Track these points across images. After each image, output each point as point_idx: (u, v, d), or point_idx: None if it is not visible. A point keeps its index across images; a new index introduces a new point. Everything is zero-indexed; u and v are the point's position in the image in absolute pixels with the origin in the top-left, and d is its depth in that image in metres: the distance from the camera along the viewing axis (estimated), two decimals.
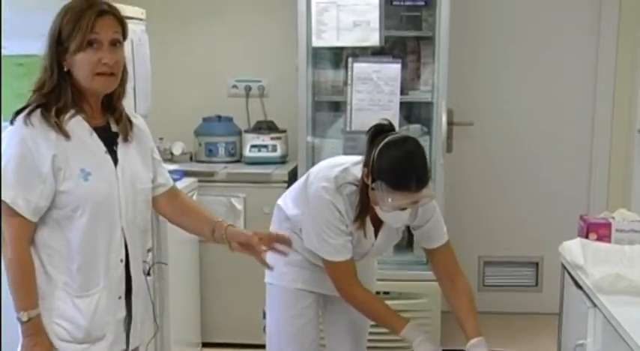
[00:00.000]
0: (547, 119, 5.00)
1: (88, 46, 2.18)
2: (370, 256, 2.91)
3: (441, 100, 4.30)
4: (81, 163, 2.19)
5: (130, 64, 3.59)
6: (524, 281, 5.17)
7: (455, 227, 4.87)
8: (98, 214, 2.21)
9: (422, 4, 4.38)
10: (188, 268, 4.36)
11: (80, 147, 2.20)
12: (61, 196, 2.17)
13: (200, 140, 4.80)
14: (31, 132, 2.14)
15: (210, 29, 4.99)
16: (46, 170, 2.14)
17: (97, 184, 2.21)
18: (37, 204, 2.16)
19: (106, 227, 2.24)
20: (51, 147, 2.15)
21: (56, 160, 2.15)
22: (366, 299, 2.77)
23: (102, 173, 2.23)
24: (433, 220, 2.81)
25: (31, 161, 2.14)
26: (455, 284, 2.83)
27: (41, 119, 2.17)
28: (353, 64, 4.20)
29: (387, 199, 2.53)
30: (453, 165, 4.59)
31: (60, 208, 2.19)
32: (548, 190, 5.04)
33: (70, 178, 2.17)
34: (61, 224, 2.20)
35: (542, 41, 4.93)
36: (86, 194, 2.18)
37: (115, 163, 2.28)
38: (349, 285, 2.75)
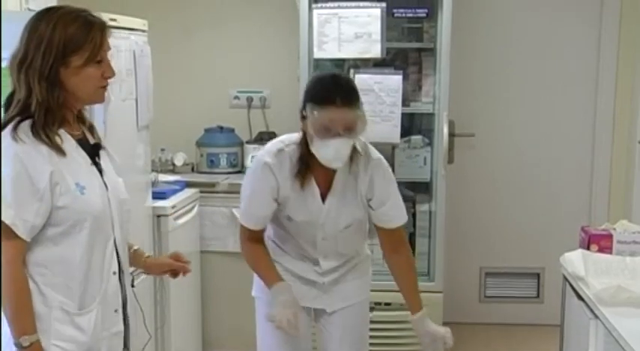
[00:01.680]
0: (548, 130, 5.01)
1: (95, 62, 2.13)
2: (330, 228, 2.79)
3: (442, 111, 4.30)
4: (75, 177, 2.12)
5: (132, 75, 3.62)
6: (526, 292, 5.16)
7: (456, 238, 4.91)
8: (95, 229, 2.15)
9: (423, 15, 4.40)
10: (189, 278, 4.33)
11: (71, 161, 2.13)
12: (58, 212, 2.09)
13: (202, 151, 4.81)
14: (23, 148, 2.05)
15: (212, 40, 5.01)
16: (43, 187, 2.05)
17: (93, 198, 2.15)
18: (33, 223, 2.06)
19: (102, 241, 2.19)
20: (46, 162, 2.06)
21: (53, 176, 2.06)
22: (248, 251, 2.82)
23: (93, 186, 2.17)
24: (393, 200, 2.82)
25: (26, 179, 2.04)
26: (399, 255, 2.87)
27: (29, 134, 2.07)
28: (354, 76, 4.21)
29: (315, 117, 2.56)
30: (454, 176, 4.59)
31: (56, 225, 2.11)
32: (550, 201, 5.04)
33: (66, 192, 2.09)
34: (57, 241, 2.12)
35: (543, 53, 4.94)
36: (84, 208, 2.12)
37: (100, 175, 2.23)
38: (242, 241, 2.83)
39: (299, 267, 2.86)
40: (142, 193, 3.91)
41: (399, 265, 2.89)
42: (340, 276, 2.90)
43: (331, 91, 2.59)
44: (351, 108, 2.59)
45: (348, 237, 2.85)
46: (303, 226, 2.80)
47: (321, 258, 2.85)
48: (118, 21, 3.47)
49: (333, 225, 2.79)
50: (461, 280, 5.00)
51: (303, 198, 2.74)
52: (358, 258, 2.96)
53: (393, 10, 4.32)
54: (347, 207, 2.78)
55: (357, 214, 2.82)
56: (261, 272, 2.82)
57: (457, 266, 4.94)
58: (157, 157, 4.70)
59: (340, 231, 2.81)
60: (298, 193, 2.73)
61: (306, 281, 2.86)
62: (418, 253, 4.54)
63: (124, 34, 3.54)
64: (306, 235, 2.82)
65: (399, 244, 2.88)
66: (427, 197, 4.56)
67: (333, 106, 2.56)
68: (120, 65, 3.47)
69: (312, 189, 2.74)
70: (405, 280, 2.89)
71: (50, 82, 2.09)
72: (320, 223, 2.78)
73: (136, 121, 3.72)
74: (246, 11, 4.94)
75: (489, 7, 4.91)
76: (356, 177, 2.76)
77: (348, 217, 2.80)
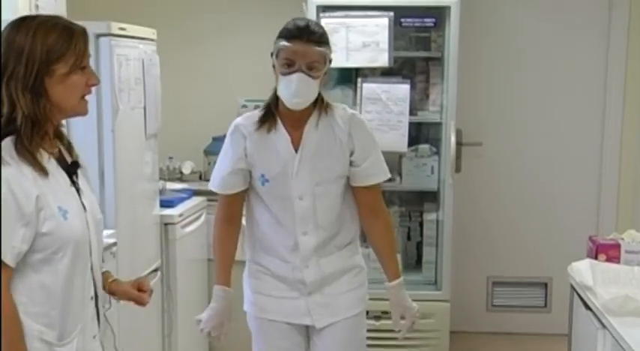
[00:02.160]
0: (556, 139, 5.01)
1: (80, 69, 2.04)
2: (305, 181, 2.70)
3: (449, 120, 4.31)
4: (57, 201, 2.00)
5: (141, 83, 3.64)
6: (533, 302, 5.15)
7: (463, 247, 4.91)
8: (77, 255, 2.04)
9: (431, 25, 4.42)
10: (197, 287, 4.36)
11: (53, 182, 2.02)
12: (41, 238, 1.97)
13: (209, 159, 4.82)
14: (10, 171, 1.93)
15: (220, 49, 5.03)
16: (30, 212, 1.93)
17: (75, 223, 2.04)
18: (20, 249, 1.94)
19: (83, 267, 2.08)
20: (32, 186, 1.95)
21: (39, 201, 1.95)
22: (218, 236, 2.84)
23: (74, 209, 2.05)
24: (375, 156, 2.78)
25: (13, 204, 1.91)
26: (377, 218, 2.82)
27: (13, 154, 1.95)
28: (362, 85, 4.23)
29: (280, 50, 2.60)
30: (461, 185, 4.59)
31: (38, 251, 1.98)
32: (557, 210, 5.04)
33: (50, 218, 1.97)
34: (36, 269, 1.99)
35: (550, 62, 4.95)
36: (67, 234, 2.00)
37: (79, 195, 2.11)
38: (216, 220, 2.86)
39: (280, 267, 2.77)
40: (150, 201, 3.92)
41: (376, 230, 2.83)
42: (324, 278, 2.78)
43: (299, 28, 2.62)
44: (315, 45, 2.61)
45: (326, 201, 2.74)
46: (278, 188, 2.71)
47: (300, 234, 2.73)
48: (128, 30, 3.51)
49: (308, 177, 2.71)
50: (468, 289, 5.00)
51: (274, 145, 2.70)
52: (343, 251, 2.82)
53: (400, 19, 4.34)
54: (323, 158, 2.72)
55: (335, 166, 2.74)
56: (217, 265, 2.84)
57: (464, 275, 4.94)
58: (165, 165, 4.71)
59: (317, 184, 2.71)
60: (268, 142, 2.71)
61: (293, 298, 2.78)
62: (425, 261, 4.55)
63: (132, 43, 3.57)
64: (283, 202, 2.72)
65: (376, 206, 2.82)
66: (434, 206, 4.56)
67: (297, 40, 2.59)
68: (129, 74, 3.50)
69: (282, 135, 2.70)
70: (382, 245, 2.85)
71: (35, 92, 1.99)
72: (294, 173, 2.69)
73: (144, 129, 3.74)
74: (254, 20, 4.96)
75: (497, 17, 4.92)
76: (332, 128, 2.72)
77: (325, 169, 2.73)
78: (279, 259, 2.78)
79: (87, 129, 3.35)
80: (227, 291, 2.80)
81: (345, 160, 2.74)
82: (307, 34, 2.60)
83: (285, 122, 2.71)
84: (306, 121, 2.70)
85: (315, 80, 2.63)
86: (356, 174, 2.76)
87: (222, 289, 2.79)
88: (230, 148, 2.76)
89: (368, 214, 2.82)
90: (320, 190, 2.72)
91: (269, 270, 2.80)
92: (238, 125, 2.76)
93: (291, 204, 2.72)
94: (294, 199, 2.71)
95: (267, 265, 2.80)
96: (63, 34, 2.02)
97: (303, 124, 2.71)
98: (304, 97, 2.64)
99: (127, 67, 3.48)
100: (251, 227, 2.84)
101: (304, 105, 2.66)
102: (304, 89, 2.62)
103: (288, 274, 2.77)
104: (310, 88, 2.63)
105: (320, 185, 2.72)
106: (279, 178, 2.71)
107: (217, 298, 2.79)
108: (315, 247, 2.75)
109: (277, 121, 2.71)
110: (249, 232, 2.85)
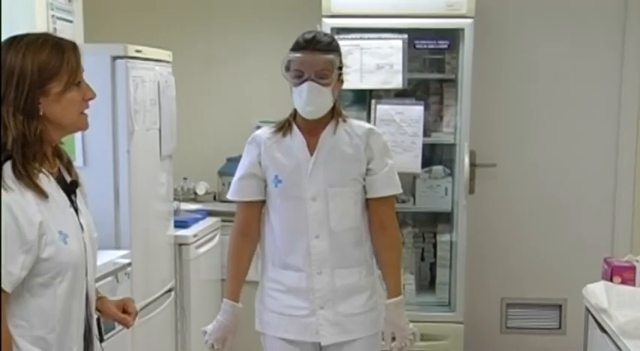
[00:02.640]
0: (570, 161, 4.99)
1: (75, 85, 2.01)
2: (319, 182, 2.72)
3: (463, 141, 4.32)
4: (58, 225, 1.98)
5: (156, 105, 3.67)
6: (548, 324, 5.12)
7: (477, 269, 4.89)
8: (76, 278, 2.01)
9: (445, 47, 4.44)
10: (211, 308, 4.35)
11: (53, 206, 1.99)
12: (42, 263, 1.94)
13: (224, 180, 4.83)
14: (13, 197, 1.89)
15: (235, 71, 5.06)
16: (32, 238, 1.90)
17: (74, 246, 2.01)
18: (18, 276, 1.90)
19: (80, 289, 2.05)
20: (36, 212, 1.92)
21: (42, 227, 1.92)
22: (233, 250, 2.87)
23: (73, 231, 2.03)
24: (389, 170, 2.80)
25: (15, 230, 1.88)
26: (385, 233, 2.82)
27: (14, 179, 1.92)
28: (376, 106, 4.24)
29: (290, 63, 2.69)
30: (475, 206, 4.59)
31: (37, 276, 1.95)
32: (572, 231, 5.02)
33: (51, 243, 1.95)
34: (34, 293, 1.95)
35: (564, 84, 4.94)
36: (67, 259, 1.98)
37: (77, 215, 2.08)
38: (232, 232, 2.89)
39: (293, 278, 2.77)
40: (164, 221, 3.94)
41: (382, 244, 2.84)
42: (336, 290, 2.76)
43: (306, 39, 2.70)
44: (322, 53, 2.68)
45: (339, 203, 2.75)
46: (291, 188, 2.74)
47: (312, 238, 2.74)
48: (144, 52, 3.54)
49: (322, 178, 2.73)
50: (482, 311, 4.97)
51: (289, 147, 2.76)
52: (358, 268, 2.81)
53: (414, 41, 4.36)
54: (337, 160, 2.75)
55: (350, 167, 2.77)
56: (228, 279, 2.88)
57: (478, 297, 4.92)
58: (180, 186, 4.73)
59: (331, 185, 2.73)
60: (283, 145, 2.76)
61: (304, 316, 2.77)
62: (439, 283, 4.54)
63: (148, 65, 3.60)
64: (296, 204, 2.74)
65: (387, 221, 2.83)
66: (448, 227, 4.56)
67: (305, 51, 2.67)
68: (144, 95, 3.53)
69: (297, 137, 2.75)
70: (386, 260, 2.84)
71: (26, 114, 1.95)
72: (308, 174, 2.73)
73: (159, 150, 3.76)
74: (268, 42, 4.98)
75: (510, 38, 4.93)
76: (349, 135, 2.77)
77: (340, 170, 2.76)
78: (292, 270, 2.78)
79: (102, 149, 3.38)
80: (235, 306, 2.82)
81: (360, 164, 2.77)
82: (314, 44, 2.68)
83: (302, 131, 2.77)
84: (323, 130, 2.76)
85: (327, 88, 2.68)
86: (373, 183, 2.79)
87: (230, 303, 2.83)
88: (245, 156, 2.84)
89: (377, 228, 2.83)
90: (333, 192, 2.74)
91: (283, 284, 2.80)
92: (255, 135, 2.85)
93: (304, 205, 2.74)
94: (307, 200, 2.74)
95: (280, 279, 2.81)
96: (54, 52, 1.99)
97: (319, 133, 2.76)
98: (316, 105, 2.69)
99: (142, 88, 3.51)
100: (266, 242, 2.86)
101: (318, 113, 2.71)
102: (316, 97, 2.67)
103: (301, 284, 2.77)
104: (322, 96, 2.68)
105: (333, 187, 2.75)
106: (292, 178, 2.74)
107: (224, 313, 2.83)
108: (329, 253, 2.76)
109: (293, 127, 2.77)
110: (265, 248, 2.87)
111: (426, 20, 4.28)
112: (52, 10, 3.67)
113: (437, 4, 4.27)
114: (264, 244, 2.87)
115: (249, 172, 2.80)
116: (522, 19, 4.91)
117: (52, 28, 3.66)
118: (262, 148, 2.78)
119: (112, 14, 4.91)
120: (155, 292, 3.69)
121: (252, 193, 2.81)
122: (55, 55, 1.98)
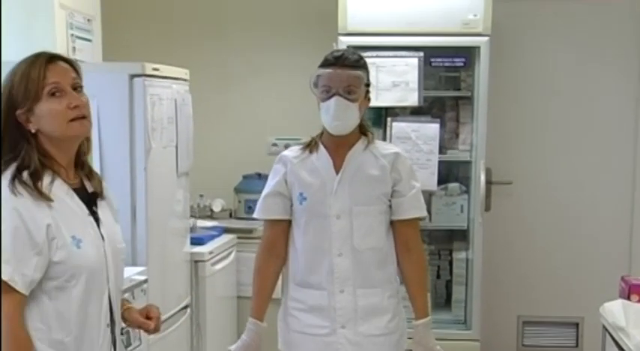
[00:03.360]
0: (586, 178, 4.98)
1: (50, 97, 2.05)
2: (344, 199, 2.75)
3: (479, 159, 4.32)
4: (71, 231, 2.06)
5: (173, 122, 3.69)
6: (565, 342, 5.09)
7: (494, 286, 4.88)
8: (91, 282, 2.08)
9: (461, 64, 4.45)
10: (226, 325, 4.37)
11: (67, 213, 2.07)
12: (54, 266, 2.02)
13: (240, 197, 4.86)
14: (23, 202, 1.99)
15: (251, 89, 5.09)
16: (41, 241, 1.99)
17: (89, 251, 2.08)
18: (32, 278, 1.99)
19: (98, 294, 2.11)
20: (45, 216, 2.01)
21: (50, 230, 2.01)
22: (259, 268, 2.87)
23: (90, 238, 2.10)
24: (416, 192, 2.82)
25: (25, 233, 1.98)
26: (411, 254, 2.83)
27: (24, 187, 2.02)
28: (392, 124, 4.25)
29: (318, 79, 2.74)
30: (491, 224, 4.58)
31: (52, 279, 2.03)
32: (589, 249, 5.00)
33: (63, 247, 2.03)
34: (51, 296, 2.04)
35: (581, 101, 4.94)
36: (80, 263, 2.05)
37: (97, 225, 2.15)
38: (259, 250, 2.89)
39: (316, 296, 2.78)
40: (181, 238, 3.95)
41: (408, 265, 2.84)
42: (357, 310, 2.77)
43: (335, 56, 2.76)
44: (350, 69, 2.72)
45: (364, 222, 2.76)
46: (316, 205, 2.76)
47: (335, 255, 2.75)
48: (161, 70, 3.57)
49: (347, 196, 2.75)
50: (498, 329, 4.95)
51: (314, 165, 2.79)
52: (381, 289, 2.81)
53: (430, 59, 4.37)
54: (363, 179, 2.77)
55: (375, 186, 2.78)
56: (253, 296, 2.90)
57: (494, 315, 4.90)
58: (196, 203, 4.75)
59: (355, 204, 2.75)
60: (308, 163, 2.80)
61: (327, 334, 2.77)
62: (455, 300, 4.52)
63: (166, 83, 3.63)
64: (321, 221, 2.76)
65: (412, 242, 2.84)
66: (464, 245, 4.55)
67: (333, 66, 2.72)
68: (162, 113, 3.56)
69: (323, 156, 2.79)
70: (412, 281, 2.85)
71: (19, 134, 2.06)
72: (334, 192, 2.75)
73: (176, 167, 3.78)
74: (284, 61, 5.02)
75: (526, 56, 4.94)
76: (376, 156, 2.80)
77: (365, 189, 2.77)
78: (314, 288, 2.80)
79: (120, 167, 3.40)
80: (258, 325, 2.83)
81: (385, 184, 2.79)
82: (342, 60, 2.73)
83: (328, 149, 2.80)
84: (350, 149, 2.79)
85: (354, 103, 2.72)
86: (400, 205, 2.81)
87: (253, 322, 2.85)
88: (272, 175, 2.87)
89: (403, 249, 2.84)
90: (358, 210, 2.77)
91: (304, 303, 2.82)
92: (282, 155, 2.89)
93: (329, 223, 2.76)
94: (331, 217, 2.76)
95: (302, 297, 2.82)
96: (23, 70, 2.06)
97: (346, 151, 2.79)
98: (343, 120, 2.72)
99: (160, 106, 3.53)
100: (289, 260, 2.86)
101: (345, 129, 2.74)
102: (343, 112, 2.71)
103: (323, 302, 2.78)
104: (350, 111, 2.72)
105: (358, 205, 2.76)
106: (317, 196, 2.77)
107: (248, 331, 2.85)
108: (351, 272, 2.76)
109: (320, 145, 2.81)
110: (287, 266, 2.87)
111: (442, 38, 4.30)
112: (71, 30, 3.73)
113: (453, 22, 4.28)
114: (287, 262, 2.88)
115: (275, 191, 2.83)
116: (538, 36, 4.92)
117: (71, 47, 3.71)
118: (288, 167, 2.82)
119: (130, 33, 4.96)
120: (171, 309, 3.70)
121: (277, 212, 2.84)
122: (23, 74, 2.05)
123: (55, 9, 3.60)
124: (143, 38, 4.98)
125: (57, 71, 2.08)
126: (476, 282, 4.40)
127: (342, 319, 2.77)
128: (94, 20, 3.99)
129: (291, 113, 5.03)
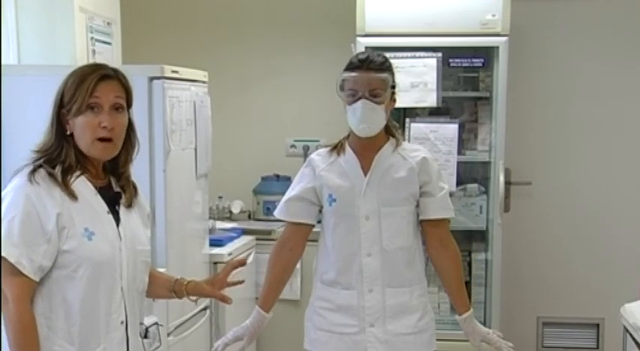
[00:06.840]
0: (606, 178, 4.95)
1: (88, 110, 2.15)
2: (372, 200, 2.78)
3: (498, 159, 4.31)
4: (85, 223, 2.14)
5: (192, 124, 3.71)
6: (585, 343, 5.06)
7: (513, 287, 4.86)
8: (99, 275, 2.15)
9: (479, 65, 4.44)
10: None
11: (84, 207, 2.16)
12: (63, 255, 2.11)
13: (258, 199, 4.87)
14: (36, 190, 2.10)
15: (270, 91, 5.10)
16: (51, 229, 2.08)
17: (100, 245, 2.16)
18: (41, 264, 2.08)
19: (107, 288, 2.17)
20: (55, 205, 2.10)
21: (60, 219, 2.10)
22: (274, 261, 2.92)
23: (105, 233, 2.18)
24: (445, 193, 2.86)
25: (36, 219, 2.08)
26: (445, 249, 2.87)
27: (46, 177, 2.12)
28: (410, 124, 4.25)
29: (344, 82, 2.75)
30: (510, 224, 4.57)
31: (60, 268, 2.12)
32: (609, 250, 4.97)
33: (73, 237, 2.12)
34: (60, 284, 2.13)
35: (601, 100, 4.91)
36: (88, 254, 2.13)
37: (117, 224, 2.23)
38: (276, 244, 2.95)
39: (344, 296, 2.82)
40: (200, 240, 3.97)
41: (445, 261, 2.88)
42: (386, 309, 2.80)
43: (360, 59, 2.77)
44: (376, 72, 2.74)
45: (392, 223, 2.80)
46: (345, 207, 2.79)
47: (364, 255, 2.78)
48: (180, 73, 3.58)
49: (375, 197, 2.79)
50: (518, 330, 4.92)
51: (342, 167, 2.82)
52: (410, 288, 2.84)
53: (449, 59, 4.37)
54: (392, 179, 2.80)
55: (404, 186, 2.81)
56: (262, 286, 2.95)
57: (514, 316, 4.88)
58: (215, 204, 4.77)
59: (384, 205, 2.78)
60: (337, 165, 2.83)
61: (355, 333, 2.80)
62: (474, 301, 4.50)
63: (185, 86, 3.64)
64: (350, 222, 2.79)
65: (444, 238, 2.88)
66: (483, 246, 4.54)
67: (358, 70, 2.74)
68: (181, 115, 3.57)
69: (351, 158, 2.82)
70: (451, 277, 2.90)
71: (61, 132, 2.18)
72: (362, 193, 2.78)
73: (195, 169, 3.79)
74: (303, 62, 5.03)
75: (545, 56, 4.91)
76: (404, 157, 2.82)
77: (393, 190, 2.80)
78: (343, 287, 2.83)
79: (139, 169, 3.34)
80: (260, 314, 2.88)
81: (413, 185, 2.81)
82: (367, 63, 2.74)
83: (355, 151, 2.83)
84: (377, 151, 2.81)
85: (380, 106, 2.74)
86: (429, 205, 2.84)
87: (257, 310, 2.89)
88: (299, 178, 2.91)
89: (437, 246, 2.88)
90: (386, 211, 2.80)
91: (332, 302, 2.84)
92: (310, 159, 2.92)
93: (357, 224, 2.79)
94: (360, 218, 2.79)
95: (330, 297, 2.85)
96: (77, 77, 2.17)
97: (373, 153, 2.81)
98: (370, 123, 2.74)
99: (179, 108, 3.55)
100: (318, 260, 2.91)
101: (372, 131, 2.76)
102: (369, 115, 2.73)
103: (352, 302, 2.81)
104: (376, 114, 2.74)
105: (387, 206, 2.79)
106: (346, 197, 2.80)
107: (251, 317, 2.90)
108: (380, 272, 2.79)
109: (347, 147, 2.84)
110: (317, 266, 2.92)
111: (461, 39, 4.29)
112: (91, 33, 3.76)
113: (471, 22, 4.27)
114: (316, 262, 2.93)
115: (299, 195, 2.87)
116: (557, 35, 4.89)
117: (91, 50, 3.74)
118: (316, 171, 2.84)
119: (149, 36, 4.99)
120: (190, 311, 3.71)
121: (298, 216, 2.88)
122: (75, 82, 2.16)
123: (75, 13, 3.63)
124: (162, 41, 5.00)
125: (104, 88, 2.17)
126: (495, 283, 4.39)
127: (371, 318, 2.80)
128: (114, 23, 4.02)
129: (309, 115, 5.04)
